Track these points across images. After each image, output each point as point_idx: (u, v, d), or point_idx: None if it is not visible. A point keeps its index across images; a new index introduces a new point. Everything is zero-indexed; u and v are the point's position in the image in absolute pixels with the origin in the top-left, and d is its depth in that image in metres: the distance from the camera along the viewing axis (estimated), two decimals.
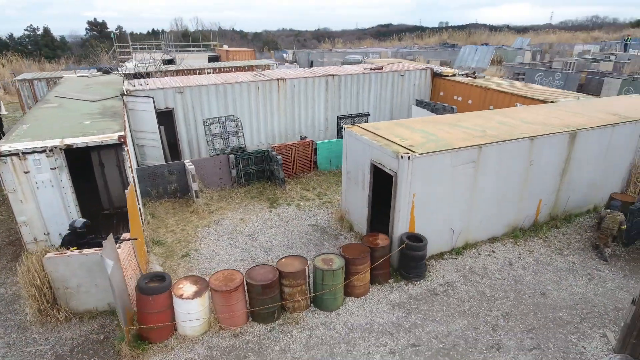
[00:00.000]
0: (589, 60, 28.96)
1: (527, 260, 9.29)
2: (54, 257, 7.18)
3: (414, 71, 17.91)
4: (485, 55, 35.84)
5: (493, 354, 6.77)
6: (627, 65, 27.70)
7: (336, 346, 6.93)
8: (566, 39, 62.82)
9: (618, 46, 39.34)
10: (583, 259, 9.37)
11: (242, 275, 7.31)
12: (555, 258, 9.40)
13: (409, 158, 8.00)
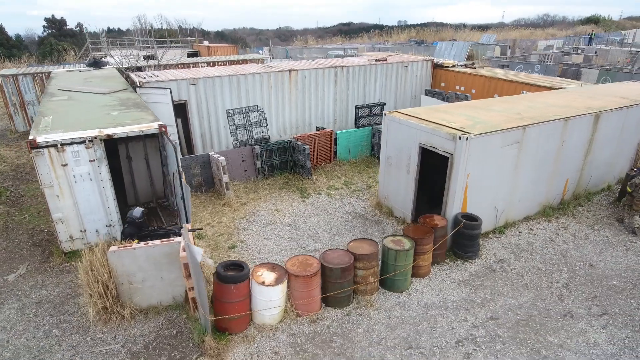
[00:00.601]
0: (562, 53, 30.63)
1: (565, 236, 9.72)
2: (119, 250, 6.78)
3: (416, 62, 18.25)
4: (462, 50, 37.04)
5: (568, 321, 7.05)
6: (595, 57, 29.55)
7: (418, 324, 6.98)
8: (526, 35, 65.90)
9: (581, 41, 41.86)
10: (614, 233, 9.92)
11: (317, 260, 7.20)
12: (589, 233, 9.89)
13: (466, 139, 8.17)
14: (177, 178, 8.36)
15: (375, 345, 6.57)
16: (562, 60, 28.23)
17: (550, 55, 28.40)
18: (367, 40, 68.24)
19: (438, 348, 6.50)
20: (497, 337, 6.71)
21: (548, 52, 30.11)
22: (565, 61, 27.79)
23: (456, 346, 6.53)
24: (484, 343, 6.58)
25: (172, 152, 8.25)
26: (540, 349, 6.48)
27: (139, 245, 6.88)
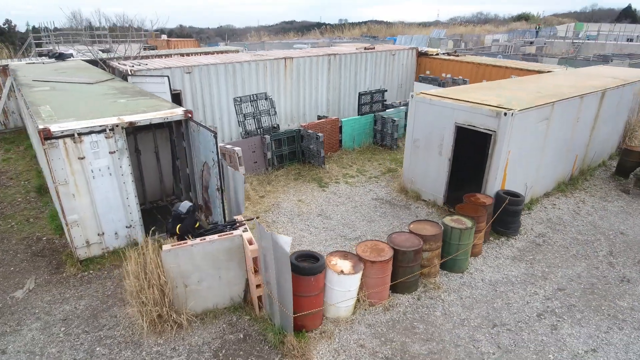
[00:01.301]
0: (519, 44, 32.49)
1: (586, 209, 10.08)
2: (174, 248, 5.96)
3: (402, 51, 18.30)
4: (420, 43, 38.01)
5: (627, 285, 7.24)
6: (546, 48, 31.63)
7: (493, 302, 6.83)
8: (468, 31, 69.32)
9: (528, 34, 44.68)
10: (627, 203, 10.44)
11: (387, 244, 6.81)
12: (606, 205, 10.34)
13: (511, 115, 8.15)
14: (214, 168, 7.57)
15: (460, 327, 6.32)
16: (520, 51, 29.93)
17: (510, 46, 29.97)
18: (319, 36, 68.33)
19: (523, 323, 6.38)
20: (573, 307, 6.72)
21: (508, 44, 31.78)
22: (522, 52, 29.46)
23: (539, 319, 6.45)
24: (564, 313, 6.56)
25: (209, 138, 7.45)
26: (616, 313, 6.57)
27: (196, 242, 6.10)
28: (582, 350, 5.87)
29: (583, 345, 5.97)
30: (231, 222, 6.67)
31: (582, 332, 6.20)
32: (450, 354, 5.84)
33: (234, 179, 7.11)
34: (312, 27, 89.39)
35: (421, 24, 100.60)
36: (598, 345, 5.97)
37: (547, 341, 6.04)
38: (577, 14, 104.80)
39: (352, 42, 45.49)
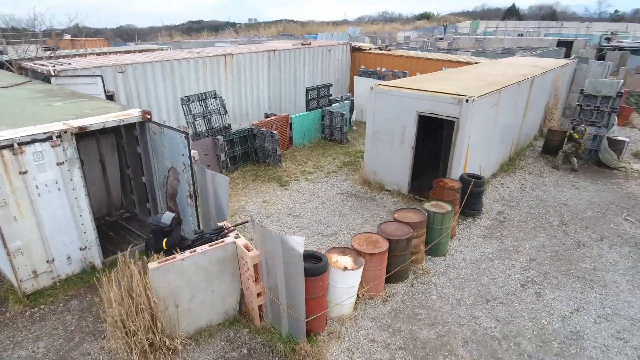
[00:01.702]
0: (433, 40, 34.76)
1: (529, 185, 11.04)
2: (163, 265, 5.28)
3: (338, 46, 18.47)
4: (341, 40, 38.81)
5: (584, 249, 8.04)
6: (455, 43, 34.31)
7: (479, 279, 7.14)
8: (380, 29, 72.61)
9: (436, 31, 47.98)
10: (559, 177, 11.64)
11: (379, 235, 6.75)
12: (543, 180, 11.42)
13: (472, 101, 8.58)
14: (184, 173, 6.88)
15: (458, 307, 6.49)
16: (435, 46, 32.05)
17: (427, 42, 31.92)
18: (235, 35, 66.61)
19: (511, 295, 6.74)
20: (547, 274, 7.27)
21: (425, 40, 33.83)
22: (437, 47, 31.59)
23: (523, 289, 6.87)
24: (542, 281, 7.07)
25: (177, 140, 6.75)
26: (583, 275, 7.25)
27: (186, 255, 5.47)
28: (567, 312, 6.36)
29: (566, 307, 6.48)
30: (218, 230, 6.11)
31: (563, 295, 6.73)
32: (457, 334, 5.97)
33: (215, 182, 6.53)
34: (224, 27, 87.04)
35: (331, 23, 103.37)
36: (579, 305, 6.52)
37: (536, 308, 6.45)
38: (470, 13, 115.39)
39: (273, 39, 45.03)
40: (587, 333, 5.95)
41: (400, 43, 35.26)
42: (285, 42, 19.34)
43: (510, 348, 5.72)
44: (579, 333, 5.95)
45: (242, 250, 5.68)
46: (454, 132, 8.97)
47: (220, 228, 6.13)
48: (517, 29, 50.54)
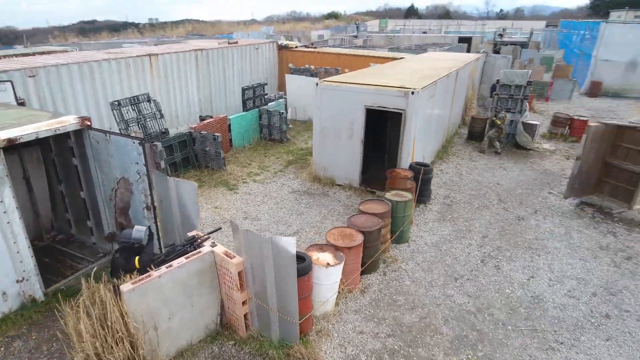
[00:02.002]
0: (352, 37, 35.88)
1: (464, 170, 11.92)
2: (139, 286, 4.76)
3: (265, 45, 18.20)
4: (258, 38, 38.34)
5: (524, 222, 8.90)
6: (369, 41, 35.85)
7: (444, 261, 7.54)
8: (293, 28, 73.10)
9: (349, 29, 49.50)
10: (487, 160, 12.73)
11: (352, 228, 6.80)
12: (475, 164, 12.41)
13: (417, 93, 9.01)
14: (139, 183, 6.27)
15: (431, 289, 6.79)
16: (352, 43, 33.12)
17: (345, 39, 32.83)
18: (138, 35, 62.48)
19: (475, 271, 7.23)
20: (500, 248, 7.92)
21: (343, 37, 34.74)
22: (354, 44, 32.69)
23: (484, 264, 7.41)
24: (497, 255, 7.69)
25: (129, 148, 6.12)
26: (529, 245, 8.02)
27: (162, 271, 5.00)
28: (524, 280, 7.00)
29: (523, 275, 7.12)
30: (191, 240, 5.67)
31: (517, 265, 7.38)
32: (436, 314, 6.24)
33: (180, 190, 6.03)
34: (124, 27, 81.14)
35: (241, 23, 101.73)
36: (532, 272, 7.20)
37: (498, 280, 7.00)
38: (374, 12, 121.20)
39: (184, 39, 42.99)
40: (545, 296, 6.60)
41: (320, 41, 35.83)
42: (209, 41, 18.57)
43: (486, 319, 6.13)
44: (538, 297, 6.58)
45: (223, 258, 5.34)
46: (402, 123, 9.34)
47: (193, 238, 5.70)
48: (422, 26, 54.29)
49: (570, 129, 14.40)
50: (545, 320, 6.09)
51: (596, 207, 9.47)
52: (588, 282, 6.91)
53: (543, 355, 5.48)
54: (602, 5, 72.87)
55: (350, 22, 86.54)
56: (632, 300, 6.47)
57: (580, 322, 6.03)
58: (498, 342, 5.71)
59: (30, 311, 6.18)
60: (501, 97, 14.02)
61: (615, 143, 9.41)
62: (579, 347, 5.61)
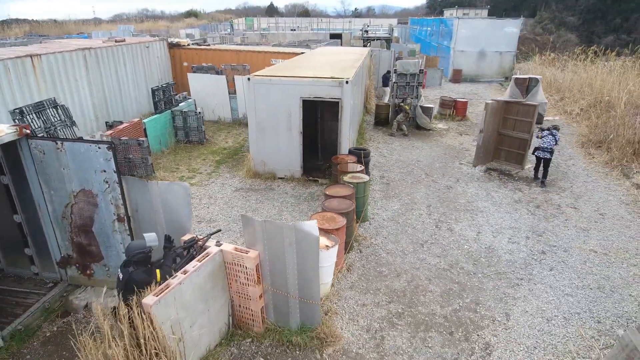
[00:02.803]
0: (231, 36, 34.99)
1: (386, 152, 13.04)
2: (161, 297, 4.34)
3: (155, 43, 16.91)
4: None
5: (453, 190, 10.22)
6: (245, 38, 35.73)
7: (405, 231, 8.31)
8: (152, 26, 68.14)
9: (221, 27, 48.09)
10: (400, 143, 14.10)
11: (331, 211, 7.05)
12: (392, 146, 13.64)
13: (350, 82, 9.60)
14: (108, 193, 5.54)
15: (406, 256, 7.48)
16: (233, 41, 32.50)
17: (226, 37, 31.95)
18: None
19: (434, 235, 8.15)
20: (445, 213, 9.03)
21: (224, 35, 33.66)
22: (235, 42, 32.16)
23: (438, 229, 8.39)
24: (446, 219, 8.76)
25: (93, 155, 5.37)
26: (465, 208, 9.29)
27: (181, 277, 4.62)
28: (474, 235, 8.16)
29: (472, 232, 8.29)
30: (190, 243, 5.28)
31: (465, 225, 8.54)
32: (419, 276, 6.93)
33: (167, 193, 5.50)
34: None
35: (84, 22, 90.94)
36: (477, 229, 8.42)
37: (455, 239, 8.03)
38: (234, 11, 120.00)
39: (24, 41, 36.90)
40: (494, 246, 7.82)
41: (200, 39, 34.27)
42: (95, 40, 16.46)
43: (459, 272, 7.03)
44: (490, 247, 7.77)
45: (236, 255, 5.14)
46: (339, 111, 9.85)
47: (192, 240, 5.32)
48: (290, 25, 55.82)
49: (455, 110, 16.75)
50: (502, 265, 7.25)
51: (499, 171, 11.36)
52: (519, 229, 8.39)
53: (512, 291, 6.57)
54: (436, 5, 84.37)
55: (212, 20, 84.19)
56: (554, 237, 8.10)
57: (527, 261, 7.36)
58: (476, 288, 6.64)
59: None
60: (399, 85, 15.59)
61: (505, 116, 11.41)
62: (534, 279, 6.86)
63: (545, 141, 10.16)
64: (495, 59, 25.44)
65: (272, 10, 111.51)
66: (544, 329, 5.78)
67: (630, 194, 9.89)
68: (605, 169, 11.39)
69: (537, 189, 10.22)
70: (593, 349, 5.43)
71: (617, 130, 12.22)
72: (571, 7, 52.06)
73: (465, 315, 6.06)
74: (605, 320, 5.93)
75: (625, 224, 8.58)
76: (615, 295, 6.47)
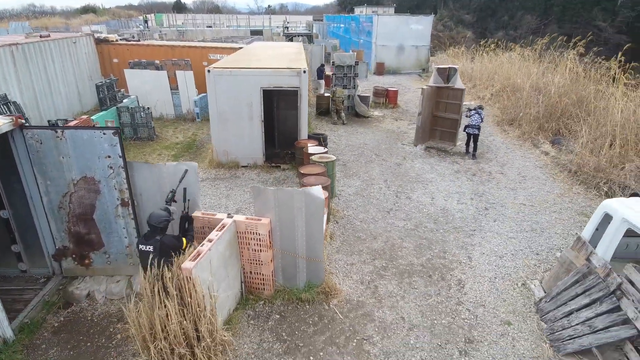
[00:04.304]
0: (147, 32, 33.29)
1: (334, 138, 13.94)
2: (197, 262, 4.76)
3: (81, 38, 16.00)
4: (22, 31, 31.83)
5: (402, 166, 11.48)
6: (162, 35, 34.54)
7: (371, 202, 9.29)
8: (50, 23, 61.97)
9: (132, 23, 45.32)
10: (344, 129, 15.11)
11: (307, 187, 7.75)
12: (338, 133, 14.60)
13: (306, 72, 10.34)
14: (112, 179, 5.69)
15: (377, 222, 8.44)
16: (153, 37, 31.14)
17: (146, 33, 30.42)
18: None
19: (396, 203, 9.25)
20: (401, 185, 10.19)
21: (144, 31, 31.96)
22: (155, 38, 30.89)
23: (398, 198, 9.52)
24: (402, 190, 9.92)
25: (96, 140, 5.50)
26: (417, 179, 10.55)
27: (209, 245, 5.05)
28: (430, 200, 9.41)
29: (427, 198, 9.53)
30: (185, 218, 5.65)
31: (420, 193, 9.76)
32: (393, 237, 7.94)
33: (177, 173, 5.76)
34: None
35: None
36: (431, 195, 9.70)
37: (415, 205, 9.19)
38: (136, 7, 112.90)
39: None
40: (447, 207, 9.14)
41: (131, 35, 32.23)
42: (15, 36, 15.05)
43: (424, 230, 8.19)
44: (444, 209, 9.07)
45: (249, 223, 5.66)
46: (298, 100, 10.52)
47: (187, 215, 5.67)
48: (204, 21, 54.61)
49: (387, 98, 18.27)
50: (457, 221, 8.57)
51: (436, 148, 12.90)
52: (464, 193, 9.84)
53: (469, 240, 7.87)
54: (346, 3, 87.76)
55: (114, 17, 78.84)
56: (491, 197, 9.66)
57: (475, 216, 8.76)
58: (441, 241, 7.83)
59: (4, 355, 5.00)
60: (338, 76, 16.64)
61: (437, 100, 12.98)
62: (484, 227, 8.26)
63: (473, 119, 11.84)
64: (413, 52, 27.79)
65: (179, 7, 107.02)
66: (499, 264, 7.12)
67: (541, 159, 11.98)
68: (519, 142, 13.53)
69: (470, 161, 11.89)
70: (537, 273, 6.87)
71: (525, 109, 14.51)
72: (466, 6, 57.88)
73: (437, 262, 7.20)
74: (541, 252, 7.46)
75: (542, 182, 10.48)
76: (545, 234, 8.08)
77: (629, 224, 5.17)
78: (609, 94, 12.84)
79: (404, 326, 5.73)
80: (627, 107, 11.33)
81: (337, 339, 5.49)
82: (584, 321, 5.18)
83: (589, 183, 10.11)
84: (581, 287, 5.43)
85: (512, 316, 5.94)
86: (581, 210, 9.06)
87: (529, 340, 5.49)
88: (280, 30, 43.26)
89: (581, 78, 14.56)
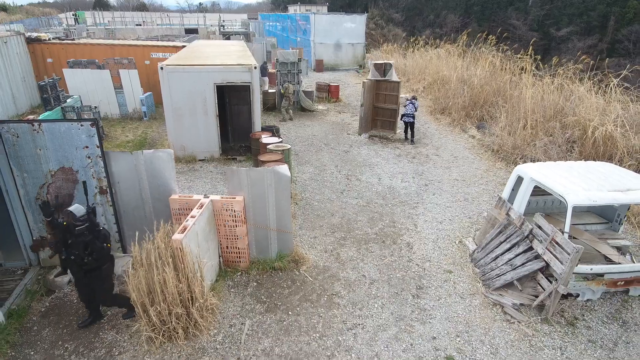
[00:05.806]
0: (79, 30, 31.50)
1: (283, 130, 14.60)
2: (186, 233, 5.34)
3: (11, 37, 15.26)
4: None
5: (349, 153, 12.50)
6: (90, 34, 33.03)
7: (325, 184, 10.20)
8: None
9: (54, 21, 42.37)
10: (293, 123, 15.88)
11: None
12: (288, 126, 15.32)
13: (257, 68, 10.99)
14: (90, 167, 6.02)
15: (332, 202, 9.35)
16: (82, 35, 29.64)
17: (74, 32, 28.83)
18: None
19: (348, 185, 10.23)
20: (351, 169, 11.19)
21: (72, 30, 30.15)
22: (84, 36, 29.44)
23: (349, 180, 10.51)
24: (349, 172, 10.93)
25: (74, 132, 5.82)
26: (363, 164, 11.62)
27: (194, 219, 5.64)
28: (377, 180, 10.50)
29: (375, 179, 10.61)
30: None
31: (368, 175, 10.82)
32: (348, 213, 8.89)
33: (152, 161, 6.18)
34: None
35: None
36: (378, 176, 10.79)
37: (365, 185, 10.23)
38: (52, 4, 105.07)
39: None
40: (393, 186, 10.28)
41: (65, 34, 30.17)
42: None
43: (375, 205, 9.24)
44: (390, 187, 10.20)
45: (225, 202, 6.29)
46: (250, 94, 11.14)
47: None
48: (133, 19, 52.52)
49: (329, 93, 19.30)
50: (402, 196, 9.73)
51: (379, 137, 14.11)
52: (406, 173, 11.06)
53: (414, 211, 9.04)
54: (280, 1, 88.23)
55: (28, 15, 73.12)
56: (430, 175, 10.97)
57: (417, 191, 9.99)
58: (390, 213, 8.92)
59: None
60: (282, 73, 17.36)
61: (377, 92, 14.19)
62: (425, 200, 9.49)
63: (407, 109, 13.18)
64: (349, 49, 29.20)
65: (100, 4, 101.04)
66: (440, 228, 8.34)
67: (469, 142, 13.62)
68: (450, 128, 15.17)
69: (409, 146, 13.22)
70: (470, 232, 8.17)
71: (453, 99, 16.22)
72: (395, 5, 61.04)
73: (389, 230, 8.26)
74: (473, 216, 8.81)
75: (471, 161, 12.03)
76: (475, 202, 9.48)
77: (535, 182, 6.52)
78: (522, 84, 14.84)
79: (366, 282, 6.68)
80: (535, 94, 13.26)
81: (310, 297, 6.30)
82: (506, 262, 6.45)
83: (508, 159, 11.79)
84: (503, 236, 6.72)
85: (452, 266, 7.12)
86: (503, 182, 10.63)
87: (466, 282, 6.68)
88: (216, 28, 42.92)
89: (498, 70, 16.56)
